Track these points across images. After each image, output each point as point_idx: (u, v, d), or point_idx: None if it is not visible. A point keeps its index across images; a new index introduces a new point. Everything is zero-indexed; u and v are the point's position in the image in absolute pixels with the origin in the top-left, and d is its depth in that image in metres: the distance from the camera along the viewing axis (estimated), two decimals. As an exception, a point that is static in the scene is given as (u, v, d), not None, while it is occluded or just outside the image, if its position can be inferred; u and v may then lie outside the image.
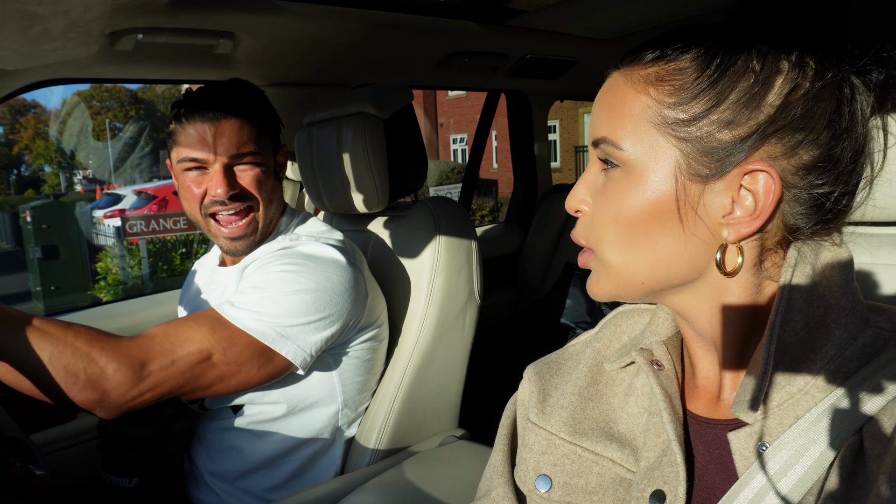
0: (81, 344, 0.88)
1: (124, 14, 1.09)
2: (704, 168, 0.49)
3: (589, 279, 0.58)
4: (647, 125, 0.51)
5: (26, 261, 7.47)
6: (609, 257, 0.54)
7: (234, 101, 1.09)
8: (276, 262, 1.07)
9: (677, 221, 0.50)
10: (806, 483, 0.46)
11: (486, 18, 1.62)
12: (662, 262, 0.52)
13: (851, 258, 0.53)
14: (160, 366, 0.92)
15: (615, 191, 0.53)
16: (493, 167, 18.05)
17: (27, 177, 36.10)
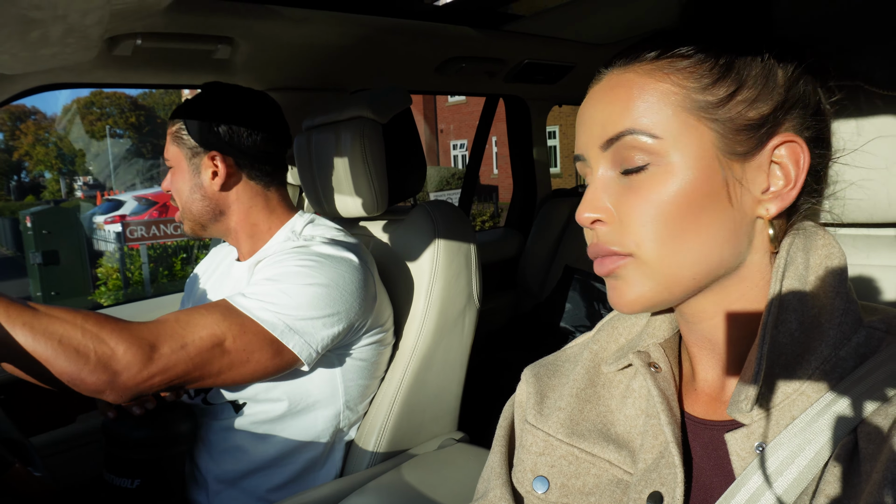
0: (91, 325, 0.88)
1: (123, 19, 1.10)
2: (740, 146, 0.51)
3: (618, 288, 0.54)
4: (678, 110, 0.50)
5: (27, 266, 7.47)
6: (653, 256, 0.51)
7: (181, 107, 1.19)
8: (290, 258, 1.07)
9: (726, 203, 0.51)
10: (801, 483, 0.46)
11: (484, 24, 1.63)
12: (714, 248, 0.51)
13: (844, 258, 0.53)
14: (171, 349, 0.92)
15: (652, 184, 0.51)
16: (493, 173, 18.08)
17: (27, 183, 36.16)
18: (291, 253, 1.09)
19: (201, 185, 1.17)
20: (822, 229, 0.55)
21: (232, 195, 1.18)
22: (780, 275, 0.52)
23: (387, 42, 1.55)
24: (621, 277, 0.53)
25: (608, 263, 0.53)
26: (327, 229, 1.22)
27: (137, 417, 1.04)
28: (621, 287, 0.53)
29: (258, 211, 1.20)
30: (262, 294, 1.01)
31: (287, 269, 1.05)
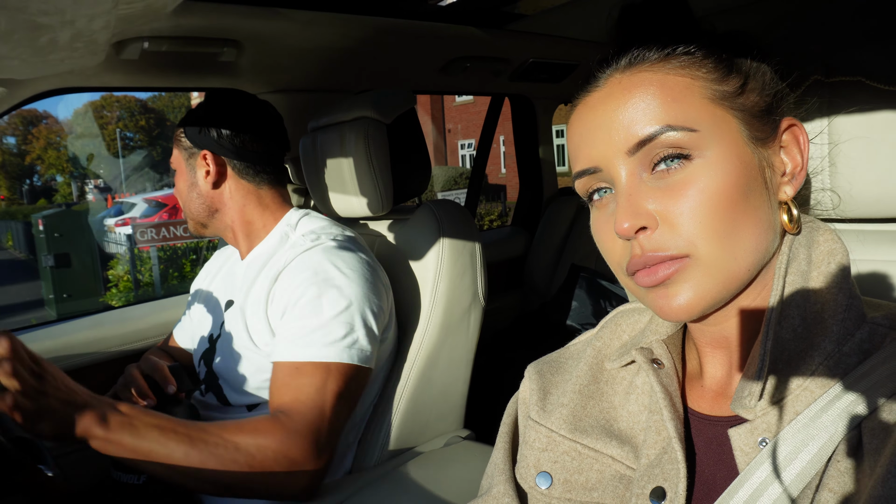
0: (262, 442, 0.95)
1: (129, 23, 1.11)
2: (760, 132, 0.52)
3: (674, 294, 0.50)
4: (706, 101, 0.51)
5: (39, 269, 7.55)
6: (714, 253, 0.49)
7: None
8: (306, 277, 1.09)
9: (764, 187, 0.52)
10: (805, 478, 0.46)
11: (488, 23, 1.63)
12: (763, 235, 0.51)
13: (847, 254, 0.53)
14: (322, 427, 1.00)
15: (695, 179, 0.49)
16: (501, 172, 18.06)
17: (39, 186, 36.53)
18: (302, 268, 1.11)
19: (196, 184, 1.23)
20: (824, 225, 0.55)
21: (225, 193, 1.23)
22: (782, 271, 0.52)
23: (391, 43, 1.55)
24: (678, 282, 0.49)
25: (662, 270, 0.49)
26: (321, 221, 1.24)
27: None
28: (676, 292, 0.50)
29: (252, 208, 1.23)
30: (320, 334, 1.05)
31: (316, 295, 1.07)
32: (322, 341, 1.04)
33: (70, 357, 1.45)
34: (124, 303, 6.73)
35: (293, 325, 1.06)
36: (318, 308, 1.06)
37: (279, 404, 1.01)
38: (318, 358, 1.03)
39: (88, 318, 1.57)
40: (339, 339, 1.05)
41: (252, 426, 0.96)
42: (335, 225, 1.24)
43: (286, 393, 1.01)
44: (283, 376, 1.03)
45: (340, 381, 1.03)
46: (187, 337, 1.39)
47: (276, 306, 1.10)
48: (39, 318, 6.71)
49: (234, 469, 0.92)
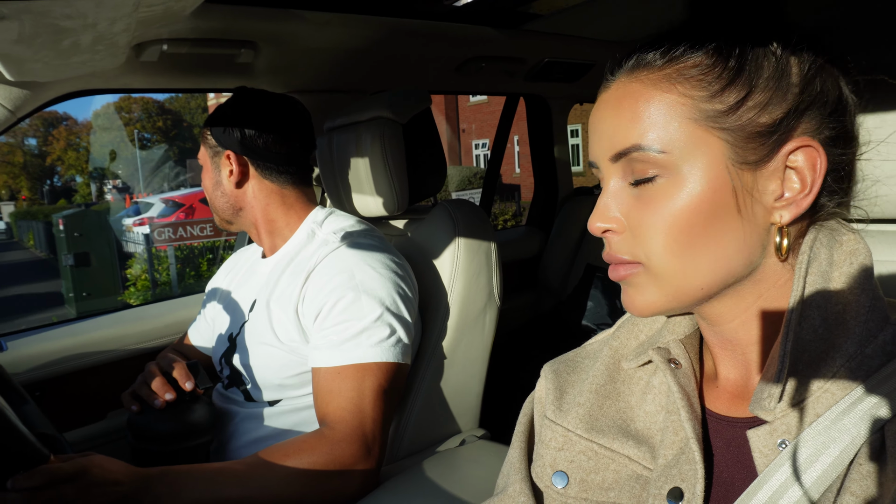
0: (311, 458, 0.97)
1: (149, 26, 1.12)
2: (752, 154, 0.49)
3: (630, 295, 0.55)
4: (686, 122, 0.50)
5: (59, 268, 7.67)
6: (664, 267, 0.51)
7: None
8: (342, 281, 1.10)
9: (736, 214, 0.50)
10: (825, 481, 0.46)
11: (503, 23, 1.63)
12: (723, 260, 0.51)
13: (870, 254, 0.52)
14: (371, 426, 1.03)
15: (661, 197, 0.51)
16: (515, 172, 18.01)
17: (59, 187, 37.11)
18: (333, 270, 1.12)
19: (221, 183, 1.24)
20: (846, 225, 0.54)
21: (248, 193, 1.24)
22: (803, 271, 0.51)
23: (407, 43, 1.56)
24: (633, 285, 0.54)
25: (620, 271, 0.54)
26: (348, 220, 1.25)
27: (159, 411, 1.07)
28: (633, 293, 0.54)
29: (275, 208, 1.24)
30: (364, 337, 1.07)
31: (354, 299, 1.09)
32: (367, 343, 1.06)
33: (89, 354, 1.48)
34: (142, 301, 6.82)
35: (332, 329, 1.07)
36: (357, 312, 1.07)
37: (323, 414, 1.04)
38: (361, 360, 1.05)
39: (107, 317, 1.59)
40: (384, 339, 1.07)
41: (297, 446, 0.98)
42: (361, 223, 1.26)
43: (329, 401, 1.03)
44: (324, 382, 1.05)
45: (382, 378, 1.06)
46: (202, 336, 1.40)
47: (310, 307, 1.11)
48: (60, 316, 6.82)
49: (289, 489, 0.94)
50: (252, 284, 1.28)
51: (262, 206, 1.24)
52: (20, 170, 36.17)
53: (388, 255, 1.17)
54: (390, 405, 1.08)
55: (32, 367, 1.39)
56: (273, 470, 0.95)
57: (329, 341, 1.07)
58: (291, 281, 1.16)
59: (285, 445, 0.99)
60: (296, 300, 1.13)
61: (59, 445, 0.91)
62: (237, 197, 1.24)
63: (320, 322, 1.09)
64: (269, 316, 1.16)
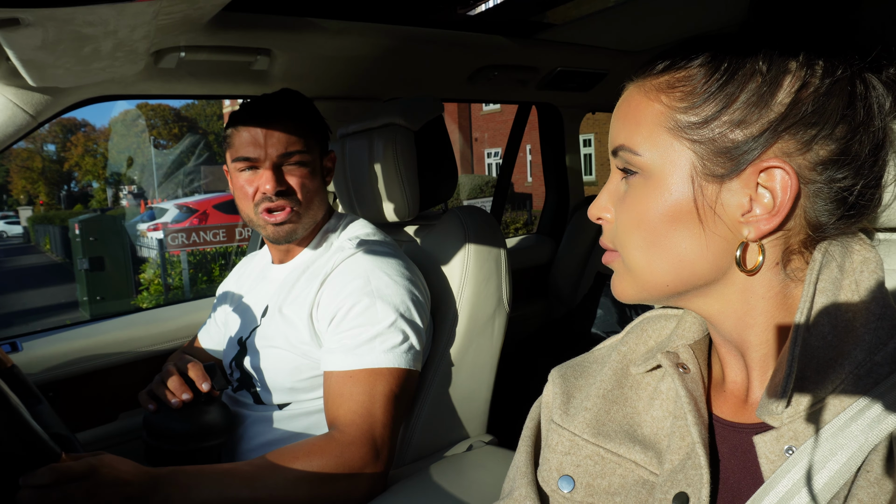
0: (321, 461, 0.98)
1: (168, 33, 1.15)
2: (720, 168, 0.50)
3: (613, 279, 0.60)
4: (662, 130, 0.52)
5: (74, 272, 7.76)
6: (633, 260, 0.55)
7: (283, 107, 1.18)
8: (357, 286, 1.11)
9: (697, 222, 0.51)
10: (832, 488, 0.45)
11: (516, 32, 1.64)
12: (685, 263, 0.53)
13: (881, 263, 0.52)
14: (380, 431, 1.03)
15: (636, 196, 0.54)
16: (527, 181, 18.01)
17: (76, 192, 37.62)
18: (350, 276, 1.13)
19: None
20: (858, 234, 0.54)
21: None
22: (813, 278, 0.51)
23: (420, 52, 1.57)
24: (615, 272, 0.59)
25: (607, 256, 0.60)
26: (365, 228, 1.26)
27: (176, 410, 1.08)
28: (614, 278, 0.60)
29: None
30: (378, 342, 1.07)
31: (370, 304, 1.09)
32: (380, 349, 1.07)
33: (102, 356, 1.50)
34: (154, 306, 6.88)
35: (346, 334, 1.08)
36: (371, 317, 1.08)
37: (333, 417, 1.04)
38: (373, 364, 1.06)
39: (120, 319, 1.61)
40: (397, 345, 1.08)
41: (307, 449, 0.98)
42: (377, 231, 1.26)
43: (340, 404, 1.04)
44: (336, 386, 1.06)
45: (393, 384, 1.06)
46: (213, 340, 1.42)
47: (324, 312, 1.12)
48: (73, 320, 6.89)
49: (298, 491, 0.95)
50: (264, 290, 1.28)
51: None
52: (38, 175, 36.72)
53: (403, 263, 1.18)
54: (400, 410, 1.09)
55: (47, 367, 1.41)
56: (282, 472, 0.95)
57: (343, 345, 1.07)
58: (306, 286, 1.17)
59: (294, 448, 0.99)
60: (310, 305, 1.14)
61: (71, 445, 0.92)
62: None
63: (335, 326, 1.10)
64: (282, 321, 1.17)
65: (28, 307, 9.09)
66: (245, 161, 1.15)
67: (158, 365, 1.53)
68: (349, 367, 1.06)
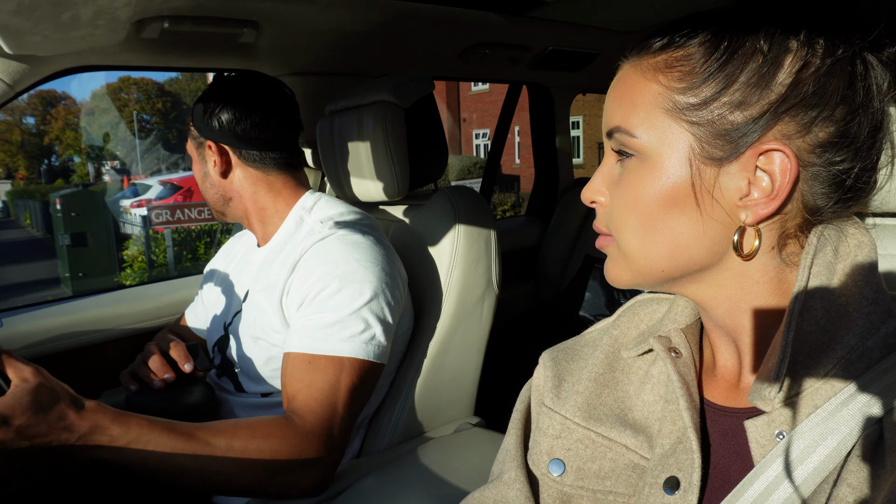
0: (273, 443, 0.94)
1: (151, 2, 1.11)
2: (718, 150, 0.49)
3: (606, 265, 0.59)
4: (659, 112, 0.51)
5: (56, 248, 7.66)
6: (628, 245, 0.54)
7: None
8: (326, 271, 1.08)
9: (694, 206, 0.51)
10: (822, 472, 0.46)
11: (508, 9, 1.61)
12: (681, 247, 0.52)
13: (875, 247, 0.52)
14: (334, 421, 1.00)
15: (631, 179, 0.53)
16: (515, 163, 17.99)
17: (57, 166, 36.97)
18: (322, 257, 1.10)
19: (208, 174, 1.22)
20: (853, 217, 0.54)
21: (235, 182, 1.21)
22: (808, 262, 0.51)
23: (411, 27, 1.54)
24: (609, 256, 0.58)
25: (601, 241, 0.58)
26: (338, 207, 1.22)
27: (157, 391, 1.07)
28: (608, 263, 0.59)
29: (262, 195, 1.21)
30: (338, 329, 1.05)
31: (336, 289, 1.07)
32: (339, 336, 1.04)
33: (85, 333, 1.48)
34: (138, 283, 6.82)
35: (311, 317, 1.06)
36: (337, 302, 1.05)
37: (291, 400, 1.01)
38: (334, 352, 1.03)
39: (104, 296, 1.59)
40: (357, 334, 1.05)
41: (264, 430, 0.95)
42: (352, 211, 1.23)
43: (299, 388, 1.01)
44: (295, 368, 1.03)
45: (355, 376, 1.03)
46: (199, 319, 1.40)
47: (293, 298, 1.10)
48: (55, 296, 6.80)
49: (247, 475, 0.92)
50: (247, 273, 1.26)
51: (249, 195, 1.21)
52: (18, 148, 35.98)
53: (376, 246, 1.14)
54: (359, 404, 1.06)
55: (27, 343, 1.39)
56: (234, 450, 0.91)
57: (304, 327, 1.05)
58: (279, 272, 1.14)
59: (252, 426, 0.95)
60: (280, 292, 1.11)
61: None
62: (225, 187, 1.22)
63: (302, 310, 1.08)
64: (257, 308, 1.15)
65: (8, 283, 8.96)
66: None
67: (142, 343, 1.51)
68: (306, 350, 1.03)
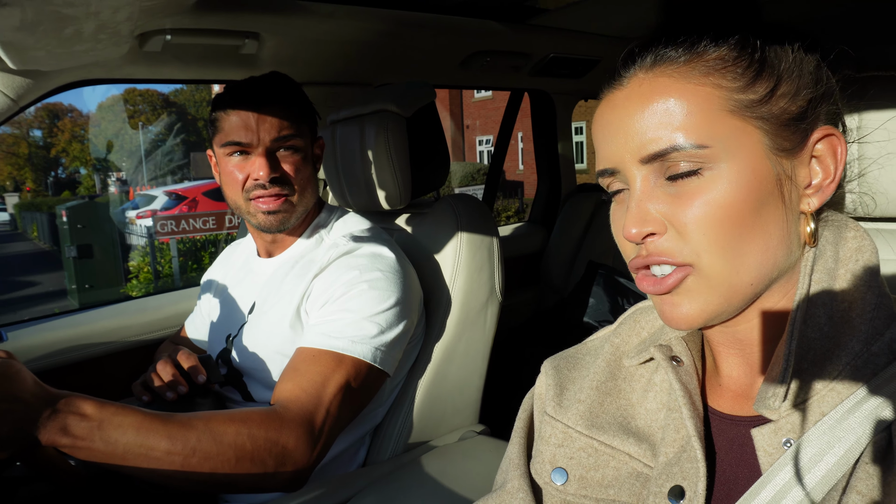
0: (256, 430, 0.90)
1: (152, 15, 1.12)
2: (787, 142, 0.50)
3: (675, 304, 0.51)
4: (723, 113, 0.49)
5: (62, 259, 7.69)
6: (714, 264, 0.49)
7: (275, 91, 1.13)
8: (352, 277, 1.08)
9: (780, 201, 0.50)
10: (830, 480, 0.45)
11: (508, 17, 1.62)
12: (770, 250, 0.50)
13: (875, 251, 0.52)
14: (322, 418, 0.97)
15: (705, 190, 0.48)
16: (519, 169, 17.99)
17: (64, 179, 37.22)
18: (346, 267, 1.10)
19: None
20: (851, 221, 0.54)
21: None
22: (808, 269, 0.50)
23: (411, 36, 1.55)
24: (681, 292, 0.50)
25: (668, 280, 0.50)
26: (358, 224, 1.22)
27: (170, 403, 1.07)
28: (680, 302, 0.50)
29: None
30: (350, 329, 1.04)
31: (356, 292, 1.07)
32: (350, 336, 1.03)
33: (89, 346, 1.48)
34: (144, 293, 6.84)
35: (329, 316, 1.06)
36: (358, 304, 1.05)
37: (281, 390, 0.98)
38: (338, 349, 1.02)
39: (108, 308, 1.59)
40: (368, 337, 1.04)
41: (243, 415, 0.91)
42: (371, 227, 1.23)
43: (293, 379, 0.99)
44: (298, 361, 1.02)
45: (351, 375, 1.01)
46: (198, 331, 1.40)
47: (315, 301, 1.10)
48: (62, 308, 6.84)
49: (220, 459, 0.86)
50: (251, 284, 1.25)
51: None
52: (25, 161, 36.26)
53: (397, 261, 1.15)
54: (352, 404, 1.03)
55: (33, 357, 1.39)
56: (209, 434, 0.86)
57: (319, 325, 1.05)
58: (297, 281, 1.14)
59: (231, 412, 0.92)
60: (300, 298, 1.12)
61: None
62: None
63: (324, 309, 1.08)
64: (269, 321, 1.15)
65: (15, 296, 9.01)
66: (235, 146, 1.11)
67: (146, 354, 1.51)
68: (316, 346, 1.02)
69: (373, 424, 1.23)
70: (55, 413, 0.78)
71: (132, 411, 0.83)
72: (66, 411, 0.79)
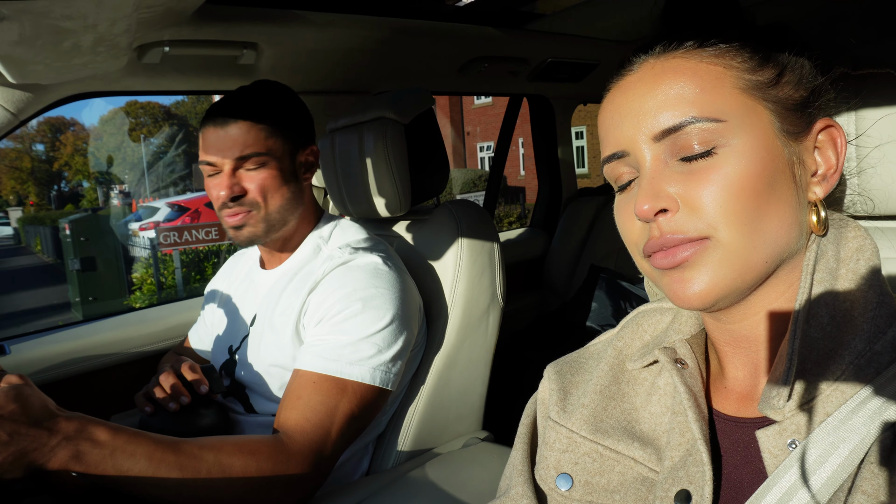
0: (261, 461, 0.92)
1: (150, 27, 1.12)
2: (793, 126, 0.51)
3: (686, 281, 0.50)
4: (735, 91, 0.50)
5: (66, 272, 7.72)
6: (732, 237, 0.48)
7: (244, 106, 1.12)
8: (346, 293, 1.08)
9: (791, 181, 0.51)
10: (836, 480, 0.45)
11: (506, 23, 1.63)
12: (784, 229, 0.50)
13: (876, 250, 0.51)
14: (327, 446, 0.99)
15: (720, 166, 0.49)
16: (520, 174, 18.01)
17: (67, 192, 37.38)
18: (340, 281, 1.10)
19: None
20: (852, 221, 0.54)
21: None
22: (810, 268, 0.50)
23: (409, 44, 1.55)
24: (694, 266, 0.49)
25: (680, 252, 0.49)
26: (356, 234, 1.21)
27: (173, 413, 1.06)
28: (692, 277, 0.49)
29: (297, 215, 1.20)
30: (348, 351, 1.04)
31: (352, 311, 1.06)
32: (349, 358, 1.03)
33: (92, 357, 1.48)
34: (147, 305, 6.85)
35: (325, 337, 1.06)
36: (353, 325, 1.05)
37: (286, 418, 0.99)
38: (339, 374, 1.02)
39: (110, 320, 1.59)
40: (367, 358, 1.04)
41: (251, 447, 0.93)
42: (369, 237, 1.22)
43: (297, 407, 1.00)
44: (298, 387, 1.02)
45: (355, 402, 1.02)
46: (202, 341, 1.39)
47: (311, 317, 1.09)
48: (66, 321, 6.84)
49: (230, 489, 0.89)
50: (252, 296, 1.25)
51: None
52: (28, 175, 36.44)
53: (395, 274, 1.14)
54: (356, 430, 1.05)
55: (36, 370, 1.39)
56: (218, 465, 0.89)
57: (315, 346, 1.05)
58: (294, 295, 1.13)
59: (239, 442, 0.93)
60: (298, 312, 1.11)
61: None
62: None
63: (318, 328, 1.08)
64: (270, 334, 1.15)
65: (19, 309, 9.02)
66: (207, 165, 1.13)
67: (151, 365, 1.51)
68: (314, 369, 1.02)
69: (376, 433, 1.23)
70: (68, 440, 0.80)
71: (144, 439, 0.86)
72: (79, 438, 0.81)
